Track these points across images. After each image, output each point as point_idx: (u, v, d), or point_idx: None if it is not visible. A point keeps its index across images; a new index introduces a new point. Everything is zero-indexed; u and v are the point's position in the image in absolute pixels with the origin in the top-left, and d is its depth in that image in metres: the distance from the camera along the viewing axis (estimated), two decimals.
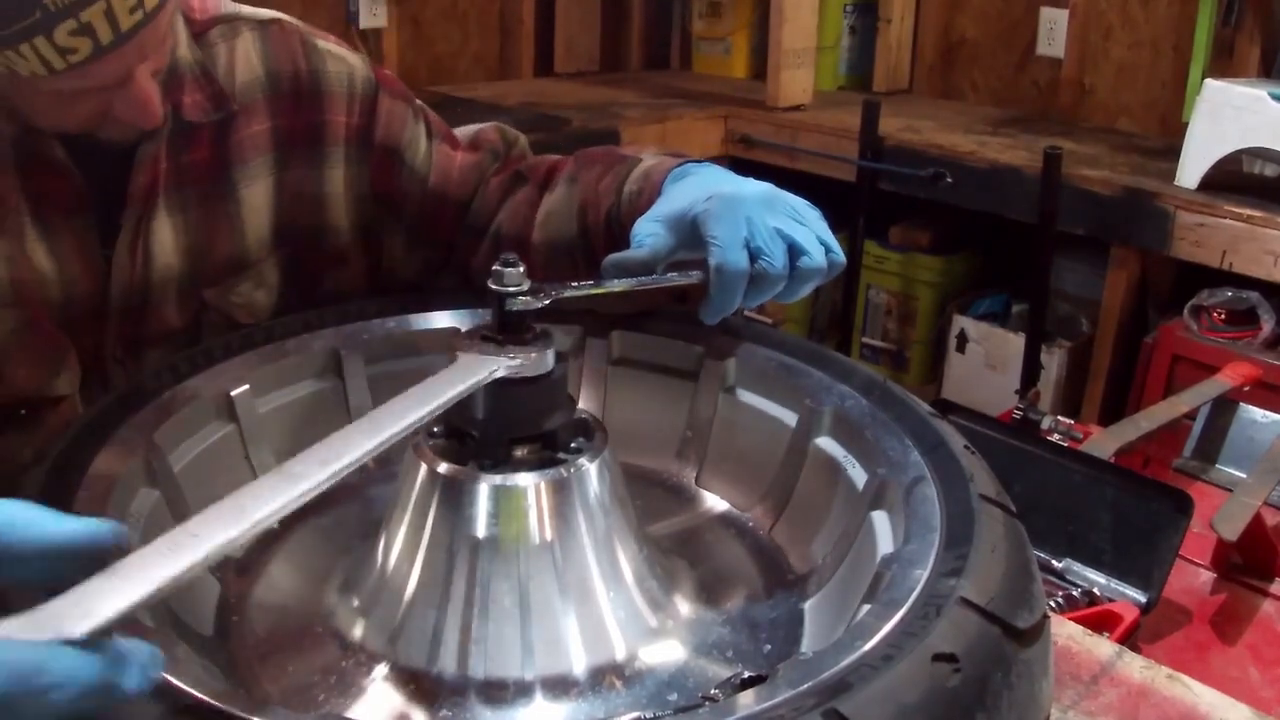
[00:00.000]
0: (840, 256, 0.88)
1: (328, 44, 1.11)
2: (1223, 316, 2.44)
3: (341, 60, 1.11)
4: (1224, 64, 2.81)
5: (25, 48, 0.83)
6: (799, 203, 0.89)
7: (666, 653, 0.75)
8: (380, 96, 1.12)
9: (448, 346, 0.98)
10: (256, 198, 1.08)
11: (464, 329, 0.98)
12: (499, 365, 0.73)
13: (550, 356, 0.75)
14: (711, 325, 0.91)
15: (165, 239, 1.04)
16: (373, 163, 1.12)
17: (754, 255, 0.85)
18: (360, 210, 1.13)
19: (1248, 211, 2.31)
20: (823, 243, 0.87)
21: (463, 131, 1.18)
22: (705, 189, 0.90)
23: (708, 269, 0.86)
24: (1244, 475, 1.76)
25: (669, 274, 0.87)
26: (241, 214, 1.07)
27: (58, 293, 1.00)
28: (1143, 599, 1.45)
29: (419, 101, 1.17)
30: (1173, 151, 2.54)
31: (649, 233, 0.89)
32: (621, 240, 0.95)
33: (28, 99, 0.92)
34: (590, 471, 0.75)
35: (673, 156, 1.02)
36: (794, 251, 0.86)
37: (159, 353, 1.06)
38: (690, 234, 0.88)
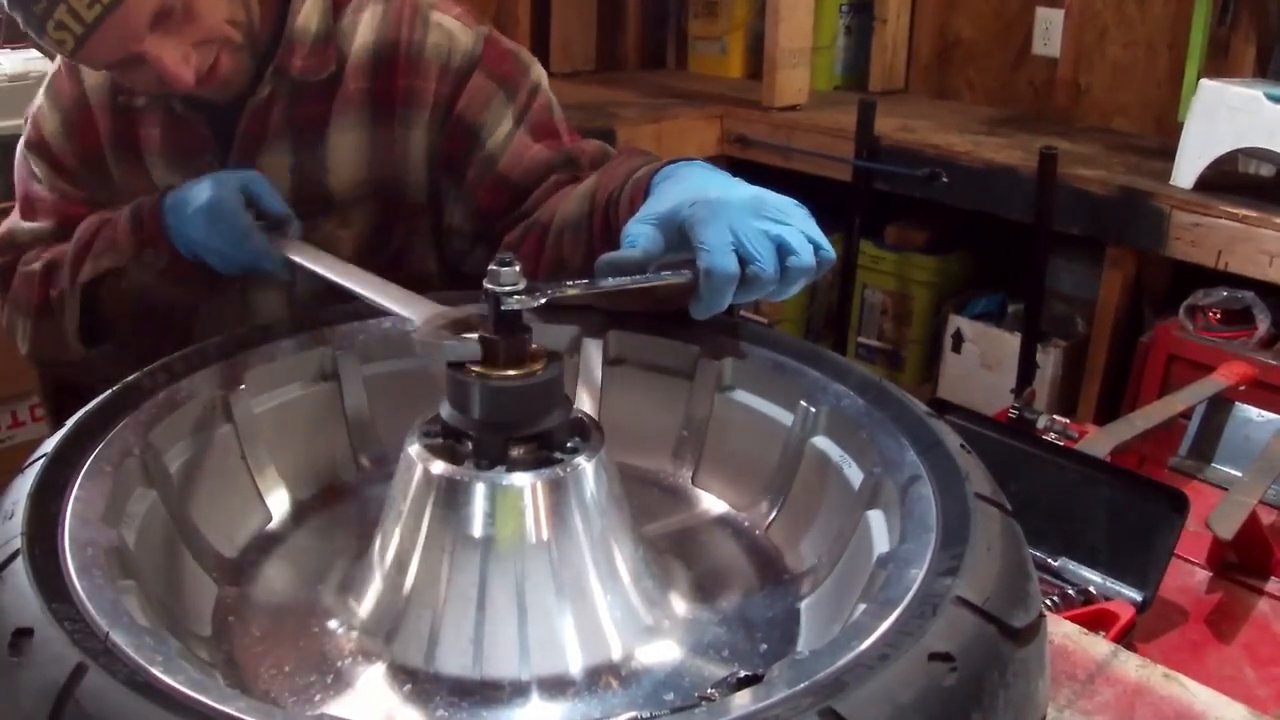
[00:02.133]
0: (829, 253, 0.88)
1: (441, 16, 1.23)
2: (1218, 316, 2.44)
3: (446, 34, 1.22)
4: (1219, 64, 2.81)
5: (44, 40, 1.07)
6: (785, 202, 0.89)
7: (663, 652, 0.75)
8: (475, 73, 1.22)
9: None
10: (346, 146, 1.22)
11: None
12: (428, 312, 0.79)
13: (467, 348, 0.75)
14: (706, 323, 0.91)
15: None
16: (447, 130, 1.22)
17: (745, 260, 0.85)
18: (433, 171, 1.25)
19: (1243, 211, 2.31)
20: (811, 240, 0.87)
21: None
22: (691, 192, 0.90)
23: (697, 271, 0.86)
24: (1239, 474, 1.76)
25: (662, 273, 0.87)
26: (329, 159, 1.22)
27: None
28: (1138, 598, 1.45)
29: (538, 88, 1.25)
30: (1168, 151, 2.54)
31: (640, 233, 0.89)
32: (613, 226, 1.00)
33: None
34: (586, 471, 0.75)
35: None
36: (783, 251, 0.86)
37: (256, 279, 1.23)
38: (678, 236, 0.89)
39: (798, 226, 0.87)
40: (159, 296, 1.19)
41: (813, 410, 0.88)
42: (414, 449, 0.76)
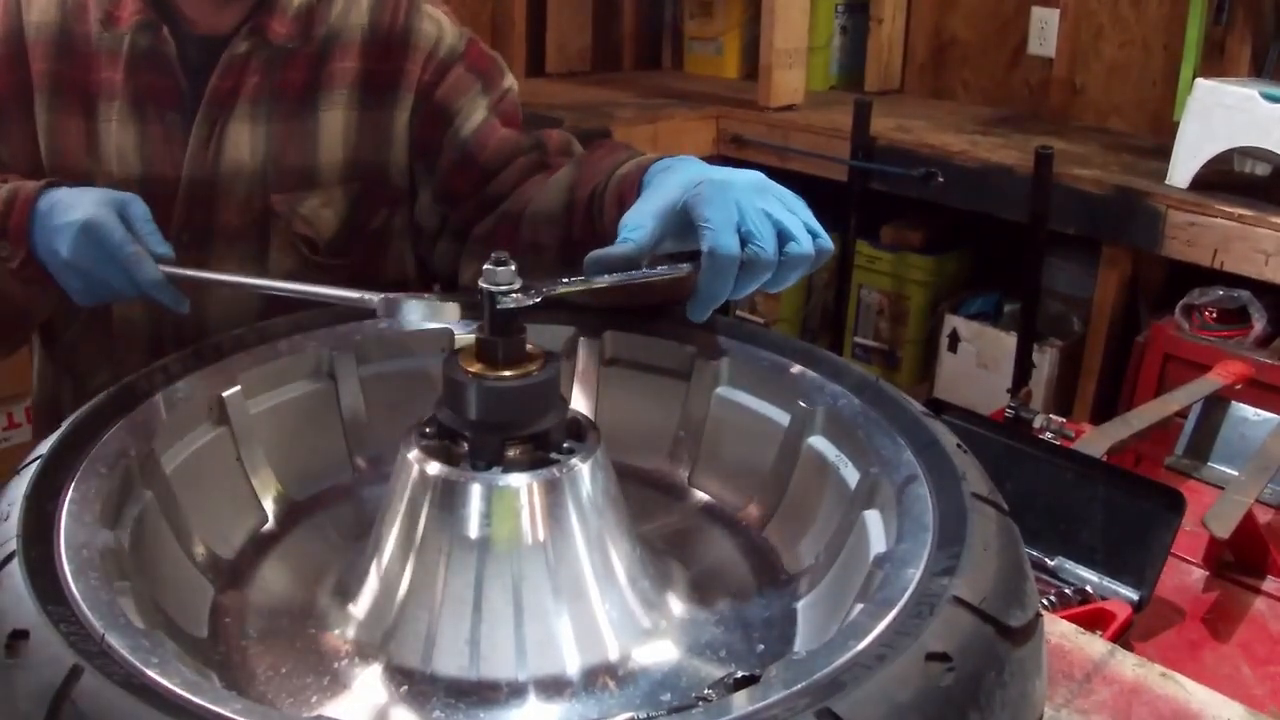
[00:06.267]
0: (828, 243, 0.87)
1: (432, 9, 1.25)
2: (1214, 315, 2.45)
3: (436, 23, 1.24)
4: (1215, 63, 2.81)
5: None
6: (786, 191, 0.89)
7: (660, 653, 0.75)
8: (456, 66, 1.23)
9: (440, 347, 0.98)
10: (333, 123, 1.20)
11: (455, 330, 0.98)
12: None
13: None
14: (702, 324, 0.89)
15: (240, 141, 1.17)
16: (423, 114, 1.23)
17: (744, 240, 0.83)
18: (410, 157, 1.25)
19: (1239, 210, 2.31)
20: (810, 229, 0.86)
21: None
22: (694, 176, 0.89)
23: (699, 256, 0.84)
24: (1236, 473, 1.76)
25: (659, 268, 0.86)
26: (318, 134, 1.20)
27: (136, 168, 1.16)
28: (1135, 597, 1.45)
29: (511, 90, 1.27)
30: (1164, 151, 2.54)
31: (635, 225, 0.87)
32: (596, 223, 1.01)
33: None
34: (583, 472, 0.75)
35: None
36: (782, 237, 0.84)
37: (226, 248, 1.19)
38: (680, 223, 0.87)
39: (798, 215, 0.86)
40: (7, 297, 1.06)
41: (809, 410, 0.88)
42: (410, 450, 0.76)
